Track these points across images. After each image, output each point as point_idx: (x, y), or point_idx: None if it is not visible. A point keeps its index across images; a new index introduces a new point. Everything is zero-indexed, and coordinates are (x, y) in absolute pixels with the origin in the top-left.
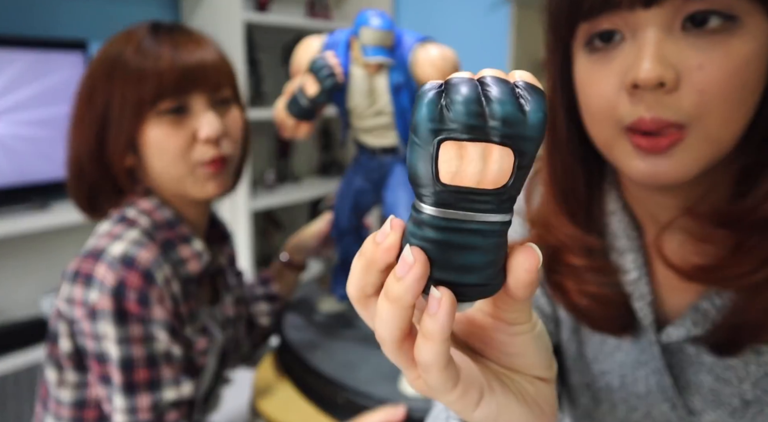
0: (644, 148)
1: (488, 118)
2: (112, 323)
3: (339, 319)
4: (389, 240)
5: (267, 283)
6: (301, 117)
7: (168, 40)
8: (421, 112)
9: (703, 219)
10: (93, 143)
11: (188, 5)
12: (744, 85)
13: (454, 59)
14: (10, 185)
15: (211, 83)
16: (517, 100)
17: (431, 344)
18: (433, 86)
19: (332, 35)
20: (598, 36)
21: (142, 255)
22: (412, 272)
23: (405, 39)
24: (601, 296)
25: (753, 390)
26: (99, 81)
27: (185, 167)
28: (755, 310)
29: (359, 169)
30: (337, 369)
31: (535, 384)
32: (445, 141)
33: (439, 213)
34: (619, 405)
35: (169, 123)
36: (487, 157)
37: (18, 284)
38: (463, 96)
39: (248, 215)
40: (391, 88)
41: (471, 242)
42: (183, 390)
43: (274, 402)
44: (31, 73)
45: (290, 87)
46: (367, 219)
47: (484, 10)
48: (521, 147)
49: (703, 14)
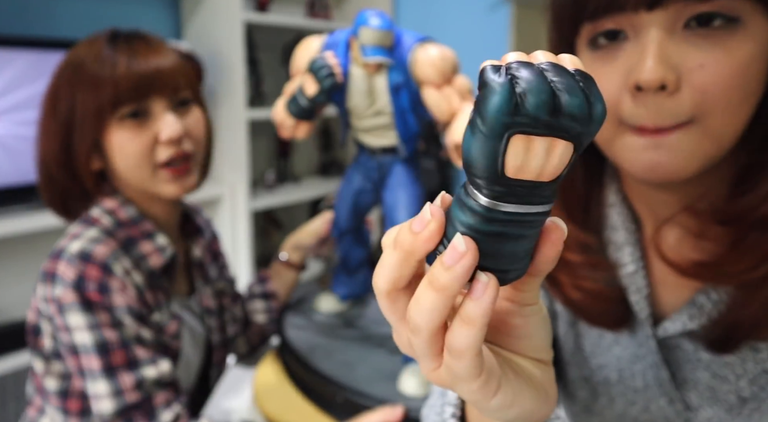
0: (648, 131)
1: (561, 113)
2: (79, 312)
3: (339, 319)
4: (431, 228)
5: (264, 281)
6: (301, 117)
7: (125, 48)
8: (495, 102)
9: (702, 217)
10: (59, 149)
11: (188, 5)
12: (745, 84)
13: (454, 59)
14: (10, 185)
15: (169, 87)
16: (584, 93)
17: (471, 329)
18: (498, 72)
19: (332, 35)
20: (602, 34)
21: (98, 249)
22: (463, 261)
23: (404, 39)
24: (596, 291)
25: (750, 387)
26: (62, 88)
27: (148, 168)
28: (753, 307)
29: (359, 168)
30: (336, 368)
31: (540, 367)
32: (517, 134)
33: (494, 205)
34: (617, 399)
35: (131, 127)
36: (551, 150)
37: (18, 284)
38: (540, 89)
39: (248, 215)
40: (391, 88)
41: (520, 233)
42: (161, 367)
43: (274, 402)
44: (30, 73)
45: (290, 87)
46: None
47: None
48: (582, 140)
49: (707, 15)
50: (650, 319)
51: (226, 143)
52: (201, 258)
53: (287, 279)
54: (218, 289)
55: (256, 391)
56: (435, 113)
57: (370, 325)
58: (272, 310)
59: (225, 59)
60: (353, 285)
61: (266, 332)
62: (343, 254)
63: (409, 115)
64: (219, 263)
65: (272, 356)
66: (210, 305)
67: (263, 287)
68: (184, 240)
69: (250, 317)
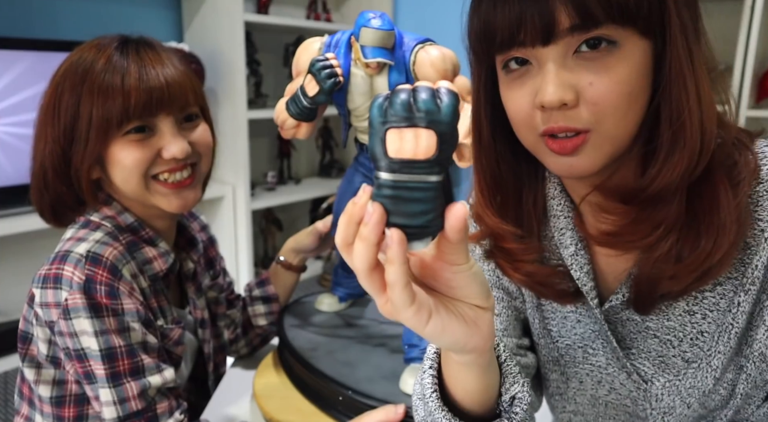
0: (556, 151)
1: (415, 111)
2: (87, 317)
3: (339, 319)
4: (362, 199)
5: (264, 284)
6: (302, 117)
7: (135, 58)
8: (373, 112)
9: (609, 196)
10: (58, 156)
11: (189, 7)
12: (628, 93)
13: (454, 60)
14: (11, 185)
15: (177, 104)
16: (435, 99)
17: (393, 266)
18: (381, 96)
19: (333, 36)
20: (512, 60)
21: (107, 251)
22: (374, 217)
23: (405, 40)
24: (532, 271)
25: (691, 349)
26: (65, 93)
27: (142, 180)
28: (650, 266)
29: (359, 168)
30: (337, 368)
31: (474, 310)
32: (390, 129)
33: (390, 177)
34: (585, 380)
35: (135, 142)
36: (417, 137)
37: (19, 284)
38: (400, 98)
39: (248, 215)
40: (391, 89)
41: (413, 196)
42: (166, 375)
43: (274, 401)
44: (32, 74)
45: (291, 87)
46: None
47: None
48: (439, 129)
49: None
50: (594, 292)
51: (226, 143)
52: (194, 271)
53: (287, 282)
54: (211, 298)
55: (256, 391)
56: None
57: (370, 325)
58: (273, 313)
59: (226, 60)
60: (353, 286)
61: (267, 334)
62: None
63: None
64: (215, 270)
65: (272, 356)
66: (203, 317)
67: (264, 290)
68: (178, 252)
69: (252, 321)
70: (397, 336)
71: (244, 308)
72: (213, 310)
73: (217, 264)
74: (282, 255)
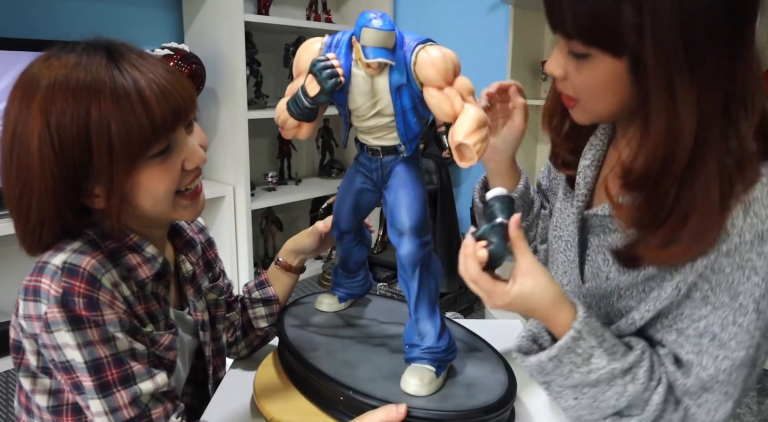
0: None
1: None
2: (68, 330)
3: (339, 319)
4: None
5: (263, 286)
6: (302, 117)
7: (132, 68)
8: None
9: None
10: (56, 184)
11: (190, 7)
12: (597, 89)
13: (455, 60)
14: None
15: (188, 112)
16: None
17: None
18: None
19: (333, 36)
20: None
21: (84, 261)
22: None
23: (406, 40)
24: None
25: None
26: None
27: (171, 199)
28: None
29: (360, 168)
30: (337, 368)
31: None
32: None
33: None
34: (560, 267)
35: (161, 164)
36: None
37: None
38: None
39: (248, 215)
40: (392, 89)
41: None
42: (158, 380)
43: (274, 402)
44: None
45: (291, 87)
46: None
47: (484, 11)
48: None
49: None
50: (584, 198)
51: (226, 143)
52: (192, 272)
53: (286, 283)
54: (210, 300)
55: (256, 391)
56: (437, 114)
57: (370, 325)
58: (274, 315)
59: (226, 60)
60: (353, 286)
61: (268, 335)
62: (343, 254)
63: (410, 116)
64: (214, 272)
65: (272, 356)
66: (203, 319)
67: (263, 292)
68: (175, 254)
69: (252, 323)
70: (398, 336)
71: (243, 310)
72: (212, 313)
73: (215, 266)
74: (281, 257)
